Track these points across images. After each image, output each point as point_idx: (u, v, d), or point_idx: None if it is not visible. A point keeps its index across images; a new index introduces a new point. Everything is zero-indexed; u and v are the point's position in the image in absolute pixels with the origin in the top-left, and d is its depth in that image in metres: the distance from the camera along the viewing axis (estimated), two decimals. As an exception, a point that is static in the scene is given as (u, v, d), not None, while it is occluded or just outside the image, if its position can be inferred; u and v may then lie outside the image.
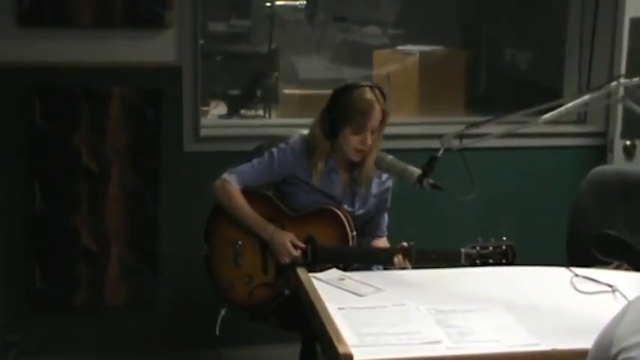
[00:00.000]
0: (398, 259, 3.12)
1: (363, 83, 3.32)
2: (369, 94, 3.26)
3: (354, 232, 3.28)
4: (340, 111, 3.27)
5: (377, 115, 3.26)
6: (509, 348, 2.29)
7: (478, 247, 3.00)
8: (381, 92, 3.31)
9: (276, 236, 3.29)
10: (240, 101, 6.26)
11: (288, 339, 3.54)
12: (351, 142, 3.27)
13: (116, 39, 3.96)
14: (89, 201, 4.05)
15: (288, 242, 3.27)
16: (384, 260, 3.20)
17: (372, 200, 3.42)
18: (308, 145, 3.37)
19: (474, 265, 3.00)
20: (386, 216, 3.49)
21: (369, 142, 3.26)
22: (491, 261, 2.99)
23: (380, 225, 3.47)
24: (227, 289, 3.39)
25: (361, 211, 3.40)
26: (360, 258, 3.32)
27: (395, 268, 3.12)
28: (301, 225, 3.32)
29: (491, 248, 2.99)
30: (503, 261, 2.99)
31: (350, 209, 3.35)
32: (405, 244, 3.12)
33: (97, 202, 4.06)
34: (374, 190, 3.42)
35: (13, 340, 4.09)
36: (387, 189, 3.45)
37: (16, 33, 3.88)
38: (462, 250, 3.01)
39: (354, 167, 3.39)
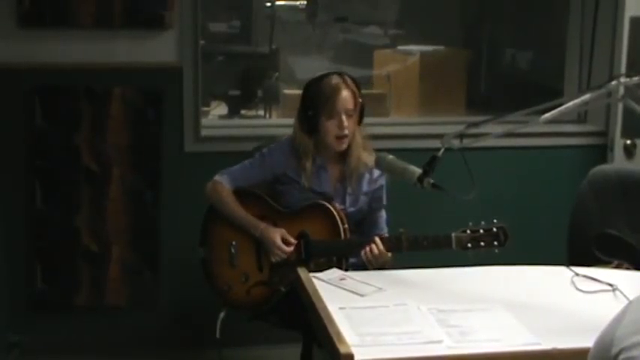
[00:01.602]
0: (365, 251, 3.12)
1: (329, 72, 3.40)
2: (334, 79, 3.33)
3: (346, 225, 3.29)
4: (311, 102, 3.32)
5: (346, 96, 3.30)
6: (510, 347, 2.29)
7: (469, 231, 3.01)
8: (352, 79, 3.37)
9: (267, 234, 3.30)
10: (240, 101, 6.26)
11: (289, 339, 3.54)
12: (329, 129, 3.31)
13: (117, 39, 3.97)
14: (90, 201, 4.06)
15: (279, 239, 3.28)
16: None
17: (363, 198, 3.43)
18: (295, 146, 3.39)
19: (466, 248, 3.00)
20: (383, 213, 3.50)
21: (346, 124, 3.29)
22: (482, 244, 2.99)
23: (378, 223, 3.48)
24: (225, 290, 3.40)
25: (352, 209, 3.41)
26: (353, 250, 3.33)
27: (369, 261, 3.13)
28: (293, 221, 3.33)
29: (482, 231, 3.00)
30: (496, 243, 2.98)
31: (341, 207, 3.36)
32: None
33: (97, 202, 4.06)
34: (365, 187, 3.43)
35: (15, 340, 4.10)
36: (380, 187, 3.45)
37: (16, 34, 3.88)
38: (453, 234, 3.02)
39: (342, 162, 3.40)
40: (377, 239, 3.15)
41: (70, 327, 4.14)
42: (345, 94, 3.30)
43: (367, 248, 3.13)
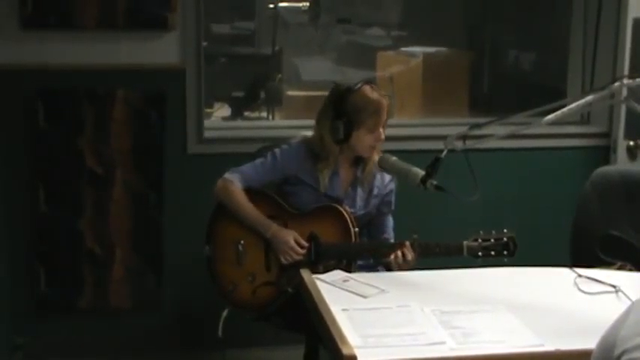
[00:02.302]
0: (395, 255, 3.12)
1: (360, 84, 3.33)
2: (373, 94, 3.30)
3: (357, 229, 3.29)
4: (351, 116, 3.27)
5: (385, 110, 3.31)
6: (513, 349, 2.29)
7: (480, 240, 3.04)
8: (377, 86, 3.37)
9: (279, 235, 3.30)
10: (243, 103, 6.27)
11: (292, 341, 3.54)
12: (366, 141, 3.30)
13: (120, 41, 3.97)
14: (93, 203, 4.06)
15: (292, 241, 3.28)
16: (387, 254, 3.18)
17: (373, 201, 3.43)
18: (312, 150, 3.38)
19: (476, 257, 3.02)
20: (391, 219, 3.49)
21: (383, 137, 3.31)
22: (493, 253, 3.02)
23: (385, 227, 3.47)
24: (230, 290, 3.40)
25: (362, 212, 3.40)
26: (363, 253, 3.33)
27: (397, 266, 3.13)
28: (303, 223, 3.33)
29: (492, 240, 3.03)
30: (505, 252, 3.01)
31: (351, 210, 3.36)
32: (407, 242, 3.14)
33: (101, 204, 4.06)
34: (375, 190, 3.43)
35: (19, 342, 4.10)
36: (391, 191, 3.45)
37: (19, 36, 3.89)
38: (465, 242, 3.05)
39: (355, 166, 3.41)
40: (407, 243, 3.14)
41: (73, 329, 4.15)
42: (385, 108, 3.31)
43: (399, 253, 3.12)
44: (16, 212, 4.04)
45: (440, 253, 3.12)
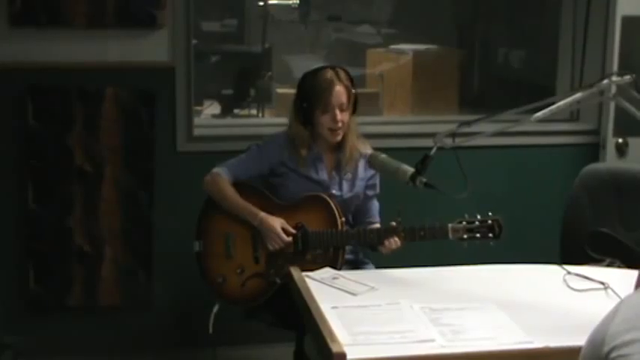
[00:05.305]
0: (388, 242, 3.15)
1: (324, 65, 3.45)
2: (328, 74, 3.37)
3: (343, 218, 3.31)
4: (306, 96, 3.37)
5: (339, 90, 3.34)
6: (503, 346, 2.30)
7: (465, 222, 3.04)
8: (345, 72, 3.41)
9: (266, 222, 3.31)
10: (233, 101, 6.26)
11: (283, 338, 3.54)
12: (323, 122, 3.35)
13: (109, 39, 3.96)
14: (83, 201, 4.05)
15: (279, 227, 3.29)
16: (374, 240, 3.22)
17: (359, 183, 3.45)
18: (291, 138, 3.43)
19: (462, 239, 3.03)
20: (376, 202, 3.51)
21: (339, 118, 3.32)
22: (478, 235, 3.02)
23: (371, 211, 3.50)
24: (219, 282, 3.40)
25: (350, 195, 3.42)
26: (350, 240, 3.33)
27: (386, 250, 3.16)
28: (291, 213, 3.34)
29: (477, 223, 3.03)
30: (490, 235, 3.02)
31: (338, 193, 3.38)
32: (393, 223, 3.16)
33: (91, 202, 4.05)
34: (361, 173, 3.45)
35: (9, 341, 4.08)
36: (375, 174, 3.46)
37: (8, 33, 3.87)
38: (449, 225, 3.06)
39: (337, 151, 3.43)
40: (392, 225, 3.17)
41: (63, 327, 4.13)
42: (339, 88, 3.33)
43: (391, 240, 3.16)
44: (5, 210, 4.02)
45: (425, 236, 3.13)
